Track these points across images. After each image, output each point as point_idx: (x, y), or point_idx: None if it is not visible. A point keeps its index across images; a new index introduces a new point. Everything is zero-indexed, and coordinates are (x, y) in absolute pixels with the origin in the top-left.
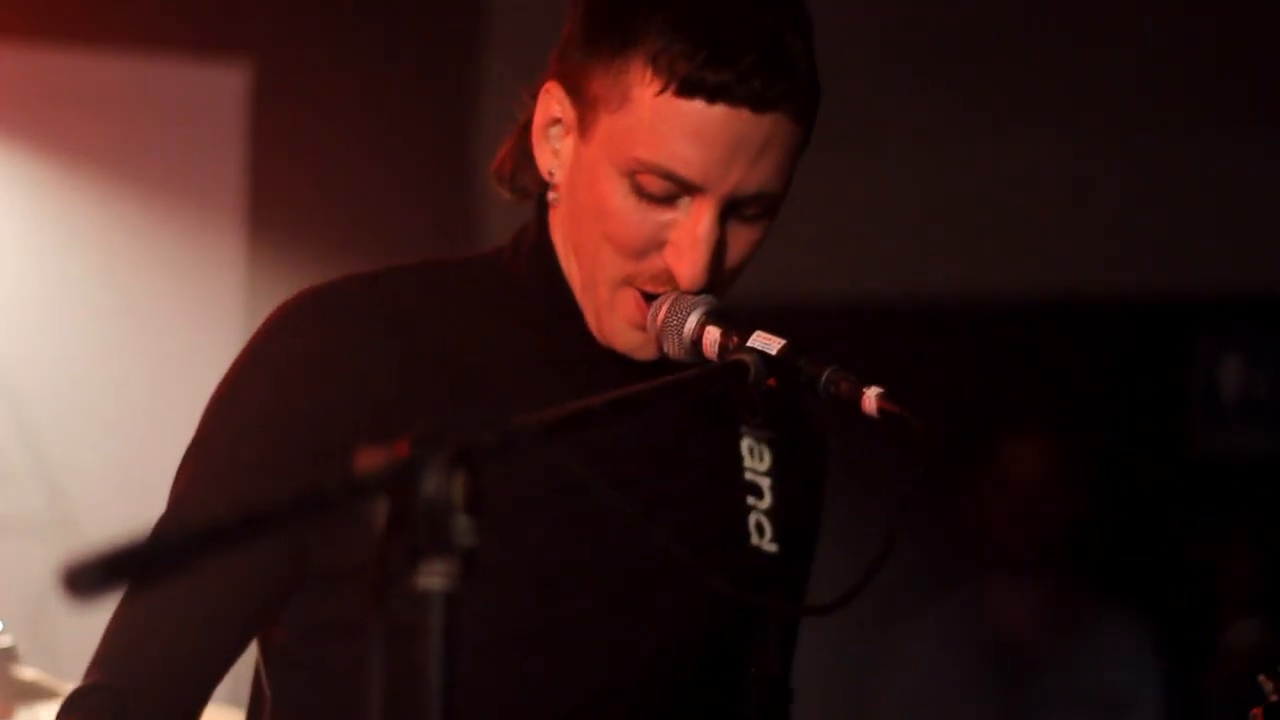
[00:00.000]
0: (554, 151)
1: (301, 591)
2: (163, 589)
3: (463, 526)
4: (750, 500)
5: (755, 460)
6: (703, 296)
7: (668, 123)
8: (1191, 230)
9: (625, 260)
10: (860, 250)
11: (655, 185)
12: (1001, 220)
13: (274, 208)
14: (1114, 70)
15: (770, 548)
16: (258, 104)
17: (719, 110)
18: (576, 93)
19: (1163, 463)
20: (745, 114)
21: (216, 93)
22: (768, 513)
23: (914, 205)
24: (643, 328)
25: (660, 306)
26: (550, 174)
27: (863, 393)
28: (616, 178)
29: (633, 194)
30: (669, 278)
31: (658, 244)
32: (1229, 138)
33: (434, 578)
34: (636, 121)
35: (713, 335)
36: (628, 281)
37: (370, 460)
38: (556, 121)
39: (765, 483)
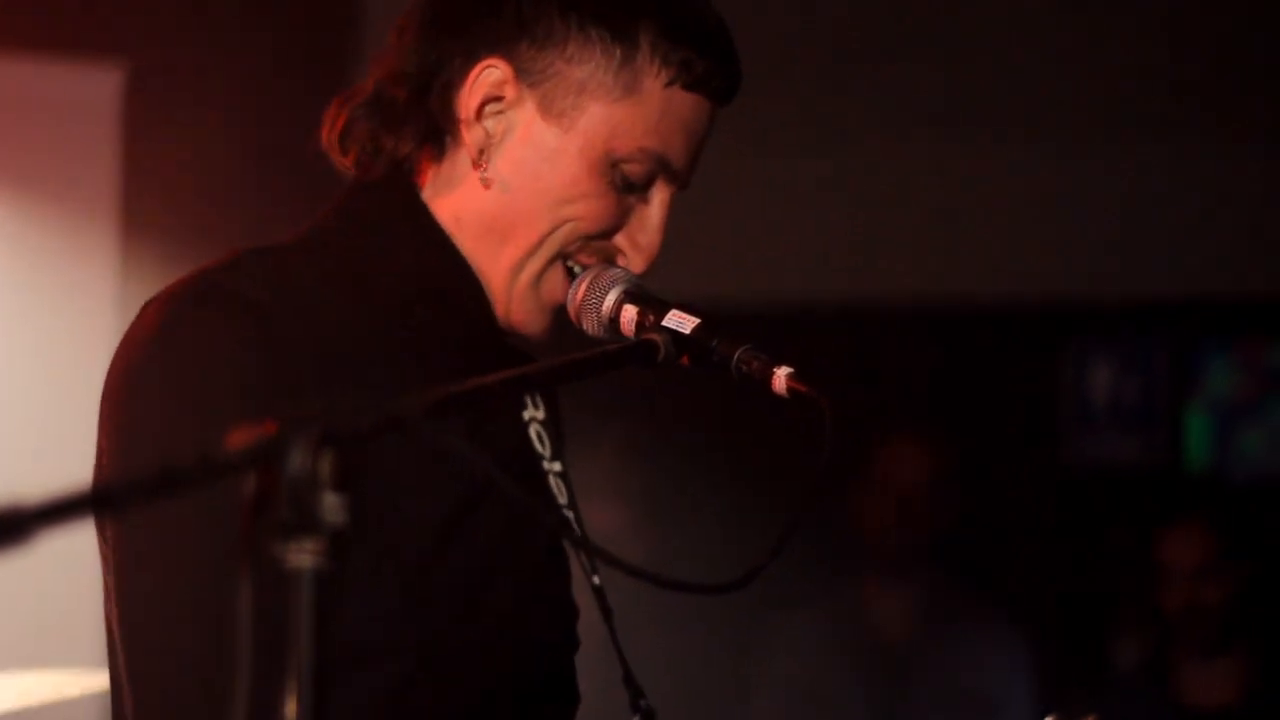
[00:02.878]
0: (487, 132)
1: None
2: None
3: (330, 505)
4: (554, 493)
5: (561, 494)
6: (622, 274)
7: (671, 114)
8: (1061, 237)
9: (576, 240)
10: (732, 254)
11: (639, 173)
12: (874, 227)
13: (147, 207)
14: (984, 80)
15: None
16: (131, 104)
17: (707, 105)
18: (537, 74)
19: (1033, 468)
20: (714, 110)
21: (90, 93)
22: (570, 506)
23: (785, 211)
24: (561, 305)
25: (580, 285)
26: (480, 152)
27: (773, 372)
28: (600, 163)
29: (612, 179)
30: (606, 254)
31: (618, 227)
32: (1098, 146)
33: (301, 556)
34: (645, 111)
35: (630, 313)
36: (563, 257)
37: (239, 439)
38: (495, 100)
39: (571, 515)
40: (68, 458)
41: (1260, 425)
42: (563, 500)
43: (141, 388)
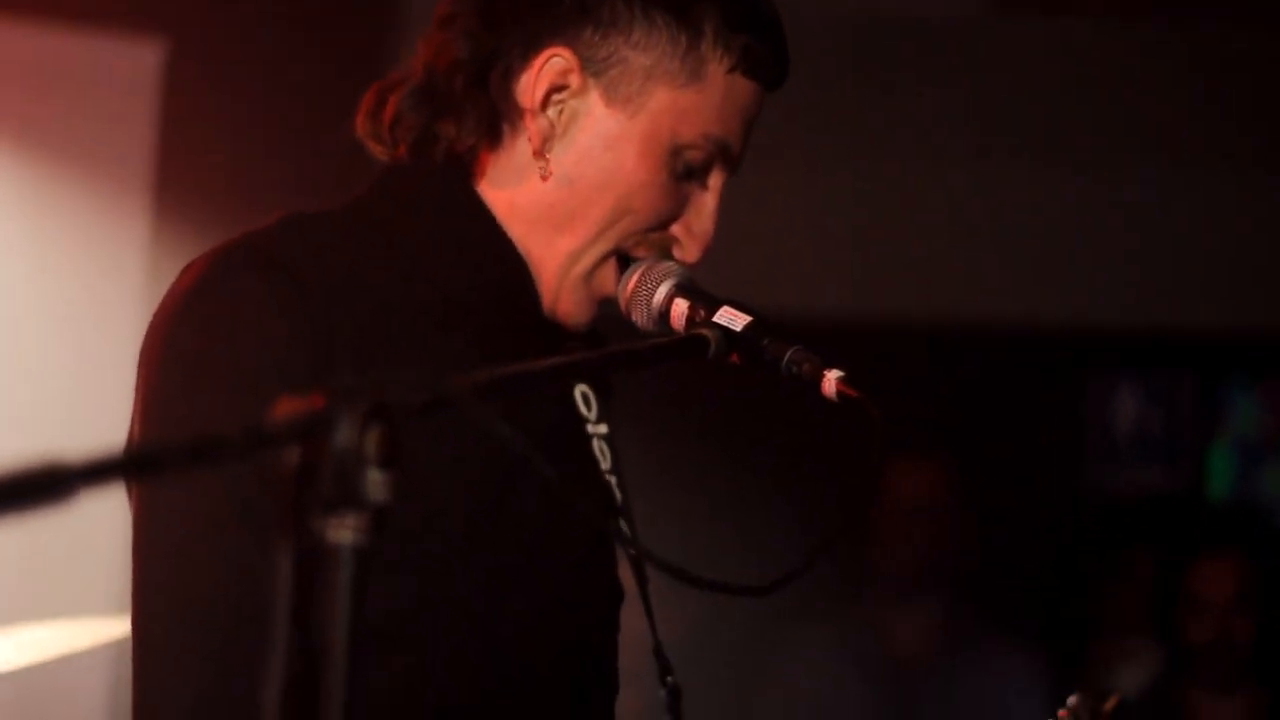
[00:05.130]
0: (551, 122)
1: None
2: None
3: (375, 482)
4: (598, 457)
5: (604, 459)
6: (674, 267)
7: (732, 100)
8: (1094, 267)
9: (637, 232)
10: (761, 269)
11: (700, 159)
12: (903, 248)
13: (180, 183)
14: (1021, 107)
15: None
16: (169, 80)
17: (760, 92)
18: (601, 61)
19: (1055, 493)
20: (764, 96)
21: (129, 67)
22: (625, 512)
23: (814, 228)
24: (611, 298)
25: (630, 277)
26: (544, 142)
27: (824, 375)
28: (664, 149)
29: (673, 166)
30: (662, 246)
31: (675, 217)
32: (1134, 177)
33: (342, 531)
34: (710, 98)
35: (681, 307)
36: (620, 251)
37: (286, 410)
38: (559, 89)
39: (613, 481)
40: (97, 427)
41: None
42: (605, 465)
43: (174, 349)
